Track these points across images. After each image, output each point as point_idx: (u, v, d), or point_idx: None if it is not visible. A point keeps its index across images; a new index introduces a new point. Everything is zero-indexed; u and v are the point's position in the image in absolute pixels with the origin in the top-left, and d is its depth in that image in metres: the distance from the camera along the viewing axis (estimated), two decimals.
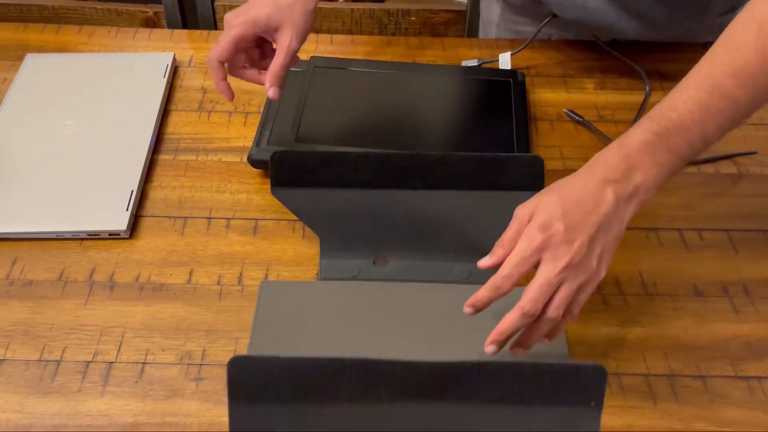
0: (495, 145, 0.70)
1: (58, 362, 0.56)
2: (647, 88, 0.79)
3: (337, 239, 0.61)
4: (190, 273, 0.63)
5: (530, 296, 0.47)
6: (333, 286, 0.60)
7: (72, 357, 0.57)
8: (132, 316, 0.59)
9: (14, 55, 0.82)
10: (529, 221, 0.49)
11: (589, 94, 0.80)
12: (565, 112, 0.78)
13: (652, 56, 0.83)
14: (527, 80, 0.81)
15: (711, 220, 0.68)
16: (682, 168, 0.51)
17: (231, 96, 0.66)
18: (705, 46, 0.53)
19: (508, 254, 0.49)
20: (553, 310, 0.48)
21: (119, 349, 0.57)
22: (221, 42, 0.63)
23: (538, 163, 0.59)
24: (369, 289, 0.60)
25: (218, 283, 0.62)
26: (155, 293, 0.61)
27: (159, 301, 0.60)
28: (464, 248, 0.60)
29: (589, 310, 0.60)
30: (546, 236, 0.47)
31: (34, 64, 0.80)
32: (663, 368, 0.57)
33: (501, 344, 0.49)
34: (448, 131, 0.74)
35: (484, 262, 0.50)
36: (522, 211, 0.50)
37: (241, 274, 0.63)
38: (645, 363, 0.57)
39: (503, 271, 0.48)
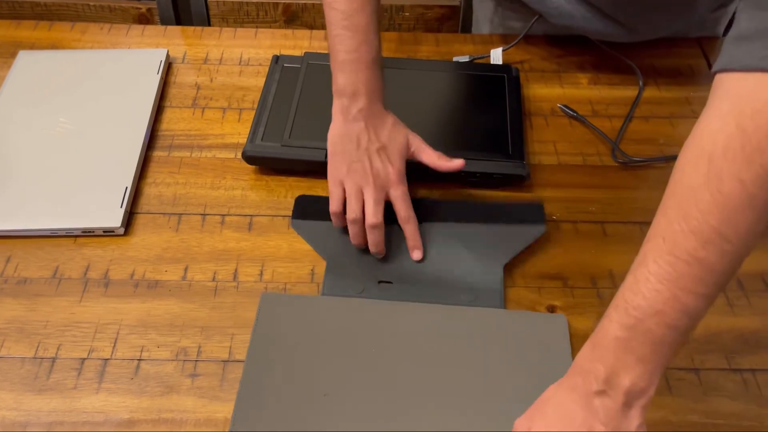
0: (490, 141, 0.71)
1: (53, 359, 0.56)
2: (641, 83, 0.80)
3: (344, 262, 0.62)
4: (185, 269, 0.63)
5: None
6: (334, 303, 0.59)
7: (67, 354, 0.56)
8: (127, 313, 0.59)
9: (7, 53, 0.82)
10: None
11: (583, 89, 0.81)
12: (560, 107, 0.78)
13: (646, 51, 0.83)
14: (521, 75, 0.81)
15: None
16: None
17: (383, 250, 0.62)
18: (698, 41, 0.54)
19: None
20: None
21: (114, 345, 0.57)
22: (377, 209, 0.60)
23: (538, 210, 0.66)
24: (372, 307, 0.59)
25: (213, 280, 0.62)
26: (150, 290, 0.61)
27: (154, 298, 0.60)
28: (470, 273, 0.61)
29: (585, 305, 0.61)
30: None
31: (26, 61, 0.79)
32: None
33: None
34: (442, 126, 0.74)
35: None
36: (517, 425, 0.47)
37: (236, 271, 0.63)
38: None
39: None
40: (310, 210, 0.66)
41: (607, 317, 0.45)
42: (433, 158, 0.64)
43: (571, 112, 0.77)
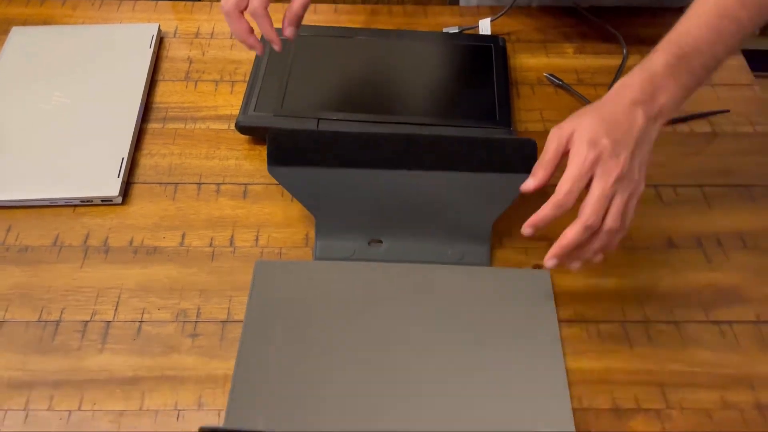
0: (477, 109, 0.72)
1: (57, 323, 0.58)
2: (625, 52, 0.81)
3: (333, 220, 0.63)
4: (183, 236, 0.64)
5: (590, 210, 0.50)
6: (327, 267, 0.61)
7: (70, 317, 0.58)
8: (127, 278, 0.61)
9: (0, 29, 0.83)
10: (567, 142, 0.52)
11: (569, 59, 0.82)
12: (546, 76, 0.80)
13: (630, 21, 0.85)
14: (508, 46, 0.82)
15: (686, 176, 0.70)
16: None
17: (262, 49, 0.64)
18: (681, 10, 0.56)
19: (549, 175, 0.53)
20: (612, 221, 0.51)
21: (116, 309, 0.59)
22: (233, 27, 0.61)
23: (530, 147, 0.61)
24: (363, 270, 0.61)
25: (210, 245, 0.64)
26: (149, 256, 0.63)
27: (153, 264, 0.62)
28: (458, 230, 0.62)
29: None
30: (597, 152, 0.50)
31: (19, 37, 0.80)
32: (638, 315, 0.60)
33: (562, 258, 0.53)
34: (431, 96, 0.75)
35: (528, 185, 0.54)
36: (559, 132, 0.53)
37: (232, 237, 0.64)
38: (622, 311, 0.60)
39: (564, 187, 0.51)
40: (289, 152, 0.61)
41: (661, 50, 0.53)
42: None
43: (557, 81, 0.79)
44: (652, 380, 0.56)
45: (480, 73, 0.76)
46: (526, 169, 0.61)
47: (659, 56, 0.53)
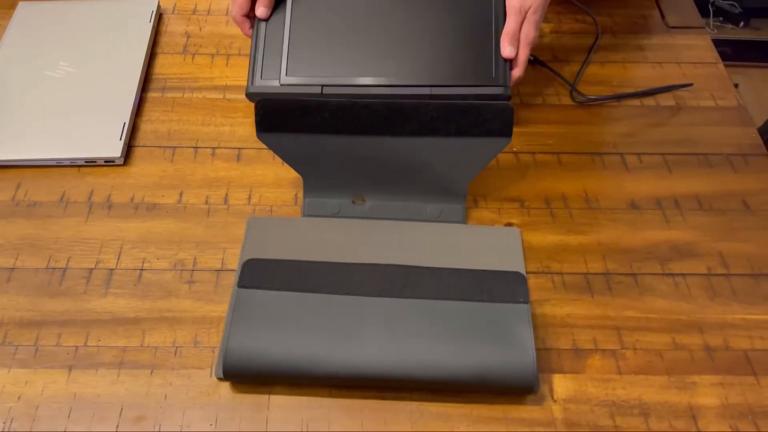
0: (476, 66, 0.74)
1: (64, 269, 0.63)
2: (597, 31, 0.86)
3: (319, 180, 0.67)
4: (180, 194, 0.69)
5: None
6: (315, 223, 0.66)
7: (76, 265, 0.63)
8: (129, 231, 0.66)
9: (6, 4, 0.87)
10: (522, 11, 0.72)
11: (546, 37, 0.87)
12: None
13: (604, 3, 0.90)
14: None
15: (650, 145, 0.76)
16: None
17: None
18: None
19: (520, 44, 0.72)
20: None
21: (119, 258, 0.64)
22: None
23: (508, 112, 0.65)
24: (348, 226, 0.66)
25: (206, 203, 0.69)
26: (149, 212, 0.68)
27: (153, 218, 0.67)
28: (436, 190, 0.67)
29: (539, 222, 0.68)
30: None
31: (26, 11, 0.85)
32: (600, 268, 0.65)
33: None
34: (432, 56, 0.75)
35: (508, 53, 0.72)
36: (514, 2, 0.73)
37: (227, 195, 0.69)
38: (585, 264, 0.65)
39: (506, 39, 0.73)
40: (277, 119, 0.65)
41: None
42: None
43: (532, 59, 0.84)
44: (610, 324, 0.61)
45: (480, 29, 0.76)
46: (503, 133, 0.66)
47: None
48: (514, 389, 0.55)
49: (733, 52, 1.72)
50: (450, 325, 0.57)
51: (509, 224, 0.68)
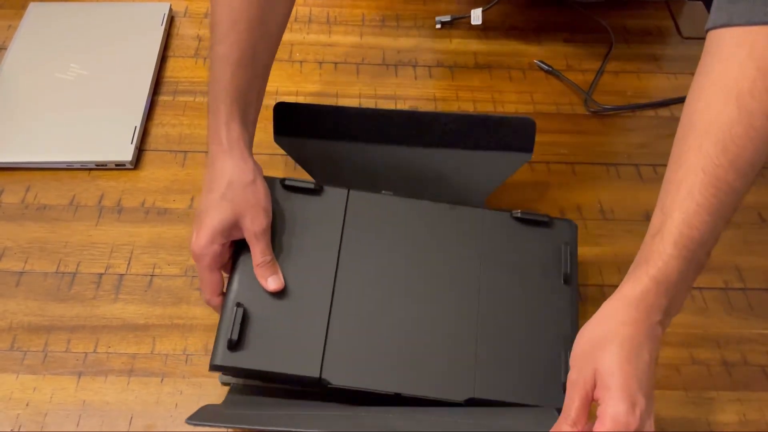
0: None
1: (74, 274, 0.62)
2: (612, 41, 0.86)
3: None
4: (192, 200, 0.68)
5: None
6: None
7: (86, 270, 0.62)
8: (139, 236, 0.65)
9: (18, 4, 0.86)
10: (592, 382, 0.46)
11: (559, 47, 0.87)
12: (536, 63, 0.84)
13: (618, 13, 0.90)
14: (502, 33, 0.87)
15: (665, 156, 0.72)
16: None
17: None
18: (667, 4, 0.59)
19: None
20: None
21: (129, 263, 0.63)
22: (204, 279, 0.54)
23: (529, 126, 0.62)
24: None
25: None
26: (160, 216, 0.67)
27: (163, 224, 0.66)
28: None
29: None
30: (636, 418, 0.44)
31: (37, 12, 0.84)
32: (616, 280, 0.63)
33: None
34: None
35: None
36: (579, 377, 0.46)
37: None
38: (601, 276, 0.64)
39: None
40: (293, 123, 0.63)
41: (665, 252, 0.47)
42: None
43: (547, 67, 0.83)
44: None
45: None
46: (523, 148, 0.62)
47: (670, 264, 0.47)
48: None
49: None
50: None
51: None
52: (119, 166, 0.70)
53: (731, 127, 0.46)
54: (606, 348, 0.46)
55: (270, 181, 0.57)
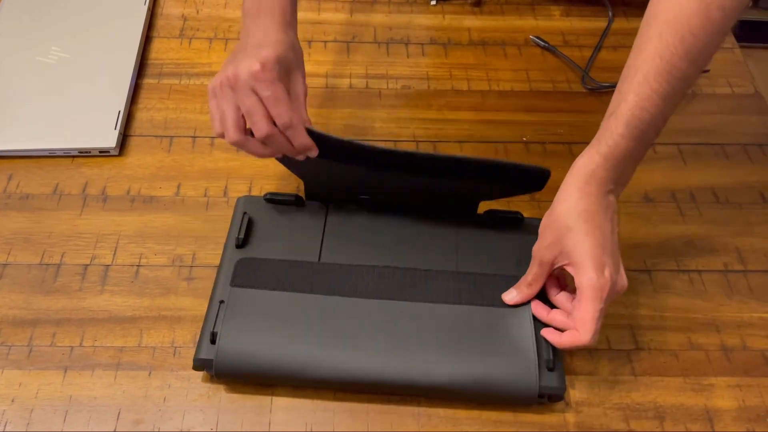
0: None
1: (59, 265, 0.61)
2: (610, 15, 0.83)
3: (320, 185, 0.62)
4: (178, 186, 0.67)
5: (594, 334, 0.51)
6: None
7: (71, 261, 0.61)
8: (125, 225, 0.64)
9: None
10: (555, 258, 0.53)
11: (556, 21, 0.84)
12: (532, 39, 0.82)
13: None
14: (496, 8, 0.84)
15: (664, 135, 0.70)
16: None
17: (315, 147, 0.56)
18: None
19: (532, 294, 0.55)
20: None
21: (115, 253, 0.62)
22: (246, 103, 0.51)
23: (544, 174, 0.57)
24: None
25: (205, 195, 0.66)
26: (146, 204, 0.65)
27: (150, 212, 0.65)
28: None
29: None
30: (606, 280, 0.50)
31: None
32: None
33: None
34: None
35: (511, 297, 0.56)
36: (545, 254, 0.53)
37: (226, 187, 0.67)
38: None
39: (591, 327, 0.50)
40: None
41: (616, 131, 0.52)
42: None
43: (543, 43, 0.81)
44: (623, 323, 0.59)
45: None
46: (530, 189, 0.58)
47: (618, 142, 0.51)
48: (517, 399, 0.53)
49: (742, 33, 1.68)
50: (450, 330, 0.55)
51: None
52: (103, 153, 0.68)
53: (690, 19, 0.50)
54: (567, 223, 0.52)
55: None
